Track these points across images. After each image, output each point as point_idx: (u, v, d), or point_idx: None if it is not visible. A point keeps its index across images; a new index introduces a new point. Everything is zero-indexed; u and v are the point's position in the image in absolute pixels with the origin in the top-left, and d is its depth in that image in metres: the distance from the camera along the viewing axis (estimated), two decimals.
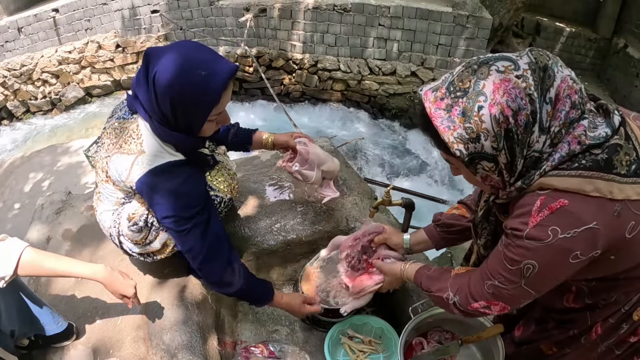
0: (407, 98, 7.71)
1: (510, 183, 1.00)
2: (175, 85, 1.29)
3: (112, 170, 1.50)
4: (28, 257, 1.42)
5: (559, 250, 0.93)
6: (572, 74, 0.94)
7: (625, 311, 1.14)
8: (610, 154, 0.92)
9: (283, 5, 7.94)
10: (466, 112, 0.91)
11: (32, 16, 8.52)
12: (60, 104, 8.80)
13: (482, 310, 1.15)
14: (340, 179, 2.58)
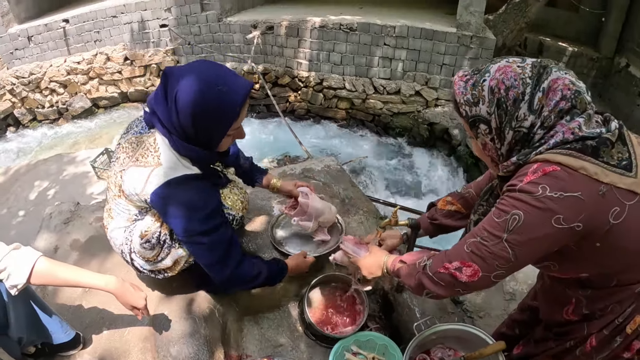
0: (411, 117, 7.77)
1: (502, 154, 1.13)
2: (197, 102, 1.36)
3: (127, 183, 1.53)
4: (41, 267, 1.44)
5: (544, 208, 1.00)
6: (574, 79, 1.07)
7: (619, 323, 1.18)
8: (600, 144, 1.02)
9: (290, 23, 8.06)
10: (476, 84, 1.12)
11: (42, 25, 8.64)
12: (67, 114, 8.87)
13: (452, 272, 1.18)
14: (346, 197, 2.63)
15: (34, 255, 1.45)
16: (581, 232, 1.01)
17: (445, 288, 1.22)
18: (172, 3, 8.45)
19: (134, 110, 9.05)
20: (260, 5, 9.67)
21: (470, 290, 1.20)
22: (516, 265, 1.10)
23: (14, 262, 1.42)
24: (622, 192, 1.00)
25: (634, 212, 1.01)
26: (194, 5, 8.42)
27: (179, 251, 1.68)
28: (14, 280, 1.41)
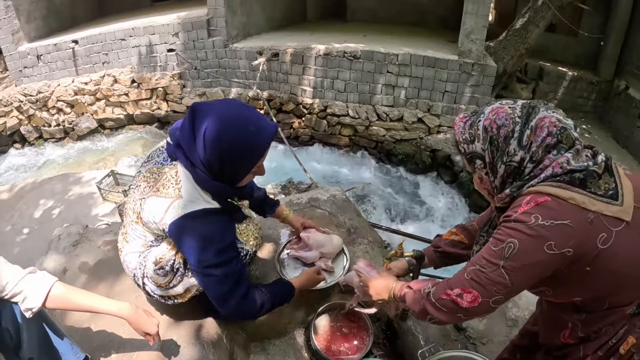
0: (414, 144, 7.86)
1: (496, 187, 1.25)
2: (226, 139, 1.43)
3: (146, 211, 1.58)
4: (57, 292, 1.48)
5: (537, 236, 1.09)
6: (561, 117, 1.19)
7: (612, 344, 1.22)
8: (587, 176, 1.12)
9: (295, 51, 8.21)
10: (472, 124, 1.25)
11: (52, 45, 8.80)
12: (72, 133, 8.97)
13: (454, 299, 1.25)
14: (352, 227, 2.67)
15: (50, 280, 1.49)
16: (572, 257, 1.09)
17: (447, 314, 1.28)
18: (179, 28, 8.63)
19: (140, 133, 9.14)
20: (266, 33, 9.85)
21: (471, 316, 1.26)
22: (513, 291, 1.18)
23: (30, 285, 1.46)
24: (609, 219, 1.09)
25: (620, 237, 1.08)
26: (201, 31, 8.59)
27: (191, 280, 1.72)
28: (30, 304, 1.45)
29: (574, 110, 9.37)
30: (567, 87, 9.21)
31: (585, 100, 9.40)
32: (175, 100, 9.08)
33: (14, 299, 1.47)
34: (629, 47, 8.87)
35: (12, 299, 1.46)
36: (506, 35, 7.94)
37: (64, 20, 10.17)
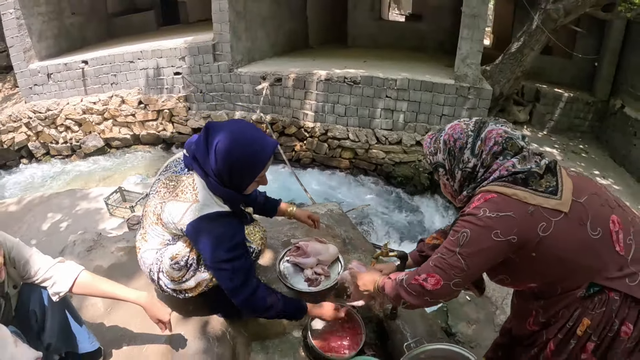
0: (412, 167, 8.07)
1: (456, 190, 1.50)
2: (234, 153, 1.69)
3: (166, 213, 1.79)
4: (83, 279, 1.67)
5: (485, 225, 1.31)
6: (509, 129, 1.43)
7: (570, 327, 1.38)
8: (528, 176, 1.33)
9: (297, 76, 8.49)
10: (436, 139, 1.51)
11: (62, 64, 9.09)
12: (79, 151, 9.19)
13: (421, 283, 1.46)
14: (347, 238, 2.86)
15: (78, 268, 1.68)
16: (517, 244, 1.30)
17: (416, 297, 1.49)
18: (186, 52, 8.94)
19: (145, 153, 9.37)
20: (269, 58, 10.17)
21: (436, 298, 1.46)
22: (469, 274, 1.38)
23: (59, 272, 1.65)
24: (548, 211, 1.29)
25: (559, 226, 1.29)
26: (207, 55, 8.90)
27: (203, 275, 1.91)
28: (58, 288, 1.63)
29: (571, 131, 9.57)
30: (563, 108, 9.44)
31: (582, 120, 9.61)
32: (180, 122, 9.33)
33: (44, 284, 1.65)
34: (623, 67, 9.13)
35: (42, 283, 1.65)
36: (502, 59, 8.22)
37: (74, 40, 10.52)
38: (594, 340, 1.34)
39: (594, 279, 1.33)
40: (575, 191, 1.34)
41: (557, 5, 7.44)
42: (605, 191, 1.43)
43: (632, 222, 1.37)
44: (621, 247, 1.32)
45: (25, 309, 1.63)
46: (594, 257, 1.31)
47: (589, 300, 1.35)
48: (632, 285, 1.30)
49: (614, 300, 1.31)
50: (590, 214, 1.31)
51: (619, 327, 1.31)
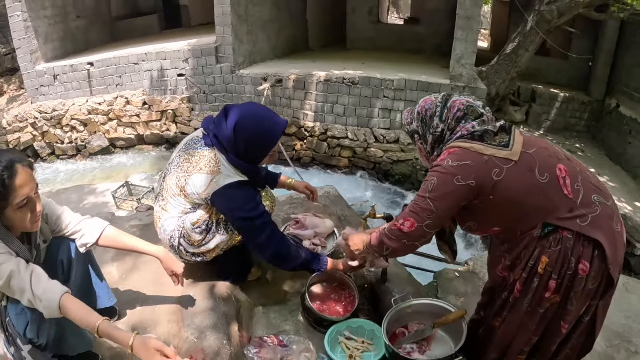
0: (410, 164, 8.27)
1: (428, 151, 1.73)
2: (250, 130, 1.98)
3: (190, 185, 2.03)
4: (109, 232, 1.88)
5: (447, 172, 1.55)
6: (470, 99, 1.68)
7: (531, 265, 1.57)
8: (484, 133, 1.58)
9: (297, 77, 8.72)
10: (412, 111, 1.76)
11: (68, 66, 9.33)
12: (84, 151, 9.40)
13: (399, 227, 1.67)
14: (342, 216, 3.06)
15: (104, 223, 1.89)
16: (475, 188, 1.52)
17: (396, 240, 1.71)
18: (189, 54, 9.17)
19: (149, 152, 9.58)
20: (270, 60, 10.41)
21: (412, 240, 1.67)
22: (438, 216, 1.60)
23: (88, 225, 1.86)
24: (500, 159, 1.53)
25: (510, 172, 1.52)
26: (210, 57, 9.14)
27: (222, 237, 2.15)
28: (86, 240, 1.84)
29: (567, 130, 9.73)
30: (559, 108, 9.62)
31: (578, 120, 9.78)
32: (183, 122, 9.55)
33: (73, 236, 1.85)
34: (617, 67, 9.31)
35: (72, 235, 1.85)
36: (497, 60, 8.44)
37: (79, 43, 10.79)
38: (554, 278, 1.52)
39: (547, 219, 1.52)
40: (525, 145, 1.58)
41: (550, 6, 7.66)
42: (555, 147, 1.65)
43: (580, 172, 1.58)
44: (569, 191, 1.52)
45: (53, 260, 1.81)
46: (544, 198, 1.52)
47: (545, 239, 1.54)
48: (583, 225, 1.49)
49: (567, 238, 1.50)
50: (538, 163, 1.53)
51: (576, 264, 1.49)
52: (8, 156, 1.51)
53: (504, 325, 1.71)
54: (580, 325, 1.64)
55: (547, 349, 1.68)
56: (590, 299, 1.57)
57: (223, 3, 8.73)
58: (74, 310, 1.53)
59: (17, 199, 1.50)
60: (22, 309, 1.61)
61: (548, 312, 1.59)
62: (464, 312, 1.86)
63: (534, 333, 1.64)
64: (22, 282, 1.51)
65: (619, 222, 1.57)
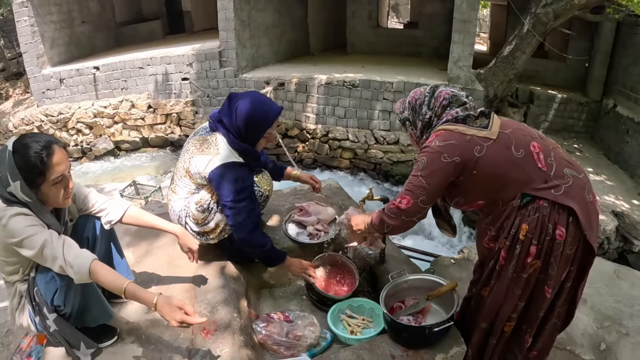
0: (410, 165, 8.42)
1: (419, 137, 1.92)
2: (250, 112, 2.18)
3: (193, 165, 2.21)
4: (132, 211, 2.05)
5: (435, 151, 1.74)
6: (455, 90, 1.88)
7: (513, 233, 1.73)
8: (466, 117, 1.79)
9: (299, 80, 8.91)
10: (404, 101, 1.96)
11: (74, 70, 9.52)
12: (90, 153, 9.58)
13: (397, 205, 1.85)
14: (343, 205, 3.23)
15: (127, 202, 2.05)
16: (461, 164, 1.71)
17: (395, 218, 1.89)
18: (193, 59, 9.37)
19: (154, 155, 9.76)
20: (273, 64, 10.63)
21: (409, 215, 1.84)
22: (430, 191, 1.78)
23: (113, 204, 2.03)
24: (481, 139, 1.72)
25: (490, 149, 1.70)
26: (214, 61, 9.34)
27: (220, 216, 2.30)
28: (111, 217, 2.01)
29: (565, 131, 9.88)
30: (557, 109, 9.79)
31: (576, 120, 9.94)
32: (188, 126, 9.74)
33: (99, 214, 2.01)
34: (614, 68, 9.47)
35: (98, 213, 2.01)
36: (495, 62, 8.62)
37: (84, 48, 11.02)
38: (535, 244, 1.69)
39: (524, 189, 1.70)
40: (502, 126, 1.78)
41: (546, 9, 7.84)
42: (529, 129, 1.85)
43: (552, 149, 1.76)
44: (543, 164, 1.70)
45: (79, 236, 1.96)
46: (520, 171, 1.70)
47: (524, 209, 1.71)
48: (557, 195, 1.67)
49: (544, 207, 1.67)
50: (514, 141, 1.72)
51: (553, 230, 1.67)
52: (46, 137, 1.69)
53: (492, 294, 1.86)
54: (563, 292, 1.79)
55: (534, 316, 1.83)
56: (570, 265, 1.73)
57: (226, 9, 8.94)
58: (104, 274, 1.69)
59: (54, 176, 1.67)
60: (52, 276, 1.76)
61: (531, 277, 1.75)
62: (455, 284, 2.01)
63: (520, 298, 1.79)
64: (54, 251, 1.66)
65: (591, 193, 1.74)
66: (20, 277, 1.83)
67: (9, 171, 1.63)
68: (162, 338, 2.07)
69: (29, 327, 1.90)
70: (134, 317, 2.20)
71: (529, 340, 1.89)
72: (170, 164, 9.30)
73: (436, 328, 1.87)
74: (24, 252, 1.67)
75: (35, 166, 1.64)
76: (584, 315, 2.67)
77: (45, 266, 1.73)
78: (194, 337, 2.04)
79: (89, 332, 1.94)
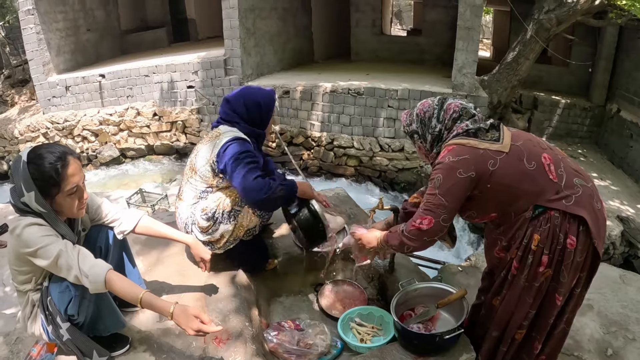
0: (415, 172, 8.43)
1: (428, 150, 1.91)
2: (260, 98, 2.41)
3: (199, 157, 2.29)
4: (145, 221, 2.07)
5: (449, 167, 1.73)
6: (464, 102, 1.87)
7: (525, 244, 1.75)
8: (477, 130, 1.78)
9: (304, 88, 8.94)
10: (411, 114, 1.95)
11: (80, 77, 9.60)
12: (95, 161, 9.63)
13: (418, 226, 1.82)
14: (352, 214, 3.25)
15: (140, 212, 2.08)
16: (475, 179, 1.71)
17: (416, 240, 1.86)
18: (199, 67, 9.43)
19: (159, 162, 9.81)
20: (277, 72, 10.66)
21: (431, 235, 1.82)
22: (450, 208, 1.78)
23: (126, 215, 2.05)
24: (494, 152, 1.73)
25: (503, 162, 1.71)
26: (219, 69, 9.40)
27: (226, 227, 2.33)
28: (124, 227, 2.03)
29: (569, 136, 9.85)
30: (561, 114, 9.76)
31: (580, 126, 9.90)
32: (193, 133, 9.79)
33: (112, 224, 2.04)
34: (617, 73, 9.45)
35: (111, 223, 2.03)
36: (499, 69, 8.63)
37: (89, 55, 11.12)
38: (546, 254, 1.71)
39: (537, 201, 1.72)
40: (514, 138, 1.79)
41: (549, 15, 7.86)
42: (538, 138, 1.86)
43: (562, 160, 1.79)
44: (554, 176, 1.72)
45: (92, 246, 1.97)
46: (533, 183, 1.72)
47: (536, 220, 1.73)
48: (568, 205, 1.69)
49: (555, 217, 1.69)
50: (526, 153, 1.73)
51: (564, 240, 1.69)
52: (61, 148, 1.71)
53: (504, 302, 1.87)
54: (572, 298, 1.82)
55: (544, 323, 1.85)
56: (579, 271, 1.76)
57: (232, 17, 9.01)
58: (119, 283, 1.70)
59: (68, 187, 1.69)
60: (67, 286, 1.77)
61: (543, 286, 1.77)
62: (465, 292, 2.03)
63: (531, 307, 1.81)
64: (69, 260, 1.67)
65: (599, 201, 1.77)
66: (33, 287, 1.84)
67: (23, 182, 1.65)
68: (174, 347, 2.09)
69: (41, 336, 1.91)
70: (146, 326, 2.22)
71: (538, 346, 1.90)
72: (175, 172, 9.35)
73: (447, 336, 1.88)
74: (38, 262, 1.69)
75: (50, 177, 1.65)
76: (590, 321, 2.67)
77: (59, 276, 1.74)
78: (206, 346, 2.06)
79: (101, 341, 1.94)
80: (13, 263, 1.77)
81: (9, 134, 9.76)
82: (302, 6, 11.85)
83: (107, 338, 1.99)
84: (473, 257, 3.33)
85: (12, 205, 1.73)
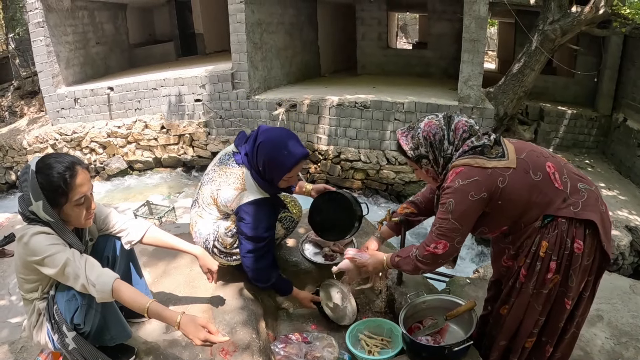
0: (421, 185, 8.38)
1: (439, 172, 1.85)
2: (267, 154, 2.17)
3: (221, 197, 2.25)
4: (152, 232, 2.06)
5: (461, 191, 1.71)
6: (468, 119, 1.82)
7: (534, 251, 1.75)
8: (483, 148, 1.76)
9: (311, 102, 8.97)
10: (413, 136, 1.84)
11: (88, 90, 9.71)
12: (103, 172, 9.69)
13: (432, 251, 1.80)
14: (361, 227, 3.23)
15: (148, 223, 2.08)
16: (487, 199, 1.71)
17: (432, 264, 1.87)
18: (206, 80, 9.50)
19: (167, 175, 9.85)
20: (284, 86, 10.75)
21: (446, 258, 1.83)
22: (464, 231, 1.77)
23: (133, 225, 2.05)
24: (502, 169, 1.71)
25: (512, 178, 1.70)
26: (226, 83, 9.47)
27: None
28: (131, 237, 2.03)
29: (576, 147, 9.78)
30: (567, 125, 9.71)
31: (587, 136, 9.84)
32: (200, 146, 9.83)
33: (120, 234, 2.04)
34: (623, 82, 9.42)
35: (119, 233, 2.04)
36: (505, 80, 8.63)
37: (98, 68, 11.26)
38: (554, 259, 1.71)
39: (547, 211, 1.72)
40: (517, 152, 1.77)
41: (554, 26, 7.88)
42: (539, 147, 1.86)
43: (564, 166, 1.79)
44: (559, 184, 1.73)
45: (99, 256, 1.98)
46: (541, 194, 1.71)
47: (544, 228, 1.73)
48: (576, 211, 1.70)
49: (562, 223, 1.70)
50: (531, 165, 1.73)
51: (572, 244, 1.69)
52: (69, 158, 1.72)
53: (512, 311, 1.86)
54: (581, 301, 1.81)
55: (555, 327, 1.84)
56: (587, 275, 1.76)
57: (239, 32, 9.10)
58: (127, 292, 1.70)
59: (76, 197, 1.70)
60: (73, 294, 1.77)
61: (552, 292, 1.76)
62: (474, 304, 2.01)
63: (540, 314, 1.80)
64: (77, 269, 1.67)
65: (603, 204, 1.78)
66: (39, 295, 1.84)
67: (31, 191, 1.65)
68: (180, 358, 2.08)
69: (47, 345, 1.90)
70: (152, 336, 2.21)
71: (549, 350, 1.90)
72: (182, 184, 9.37)
73: (456, 348, 1.87)
74: (45, 271, 1.68)
75: (58, 187, 1.66)
76: (600, 331, 2.64)
77: (66, 285, 1.74)
78: (212, 358, 2.05)
79: (106, 351, 1.94)
80: (20, 271, 1.77)
81: (18, 144, 9.85)
82: (309, 20, 11.96)
83: (112, 348, 1.99)
84: (481, 269, 3.30)
85: (20, 214, 1.74)
